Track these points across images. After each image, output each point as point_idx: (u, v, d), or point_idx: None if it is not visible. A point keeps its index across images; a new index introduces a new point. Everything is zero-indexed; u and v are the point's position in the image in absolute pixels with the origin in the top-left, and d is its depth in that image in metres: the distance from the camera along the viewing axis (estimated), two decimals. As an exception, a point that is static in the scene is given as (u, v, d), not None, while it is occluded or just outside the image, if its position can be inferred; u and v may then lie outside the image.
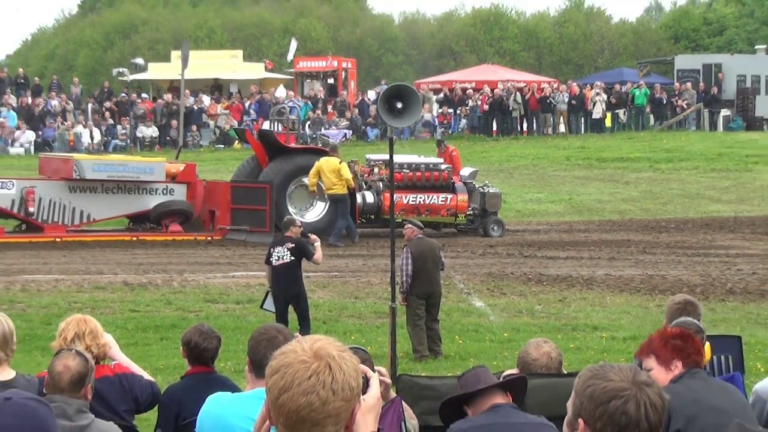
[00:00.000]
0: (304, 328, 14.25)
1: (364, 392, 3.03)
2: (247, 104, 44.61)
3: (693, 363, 5.66)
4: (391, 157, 12.96)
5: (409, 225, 14.60)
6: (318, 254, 14.50)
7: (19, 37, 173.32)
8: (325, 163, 23.94)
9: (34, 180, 25.01)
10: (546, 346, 6.42)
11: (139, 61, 46.64)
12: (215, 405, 5.01)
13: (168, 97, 44.41)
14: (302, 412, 2.88)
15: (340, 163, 24.02)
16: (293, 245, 14.31)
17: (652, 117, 46.24)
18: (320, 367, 2.90)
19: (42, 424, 3.13)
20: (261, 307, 14.81)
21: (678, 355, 5.64)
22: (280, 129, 26.90)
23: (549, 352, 6.34)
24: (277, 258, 14.27)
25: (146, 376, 6.99)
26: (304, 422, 2.90)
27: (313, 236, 14.84)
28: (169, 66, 46.73)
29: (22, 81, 46.12)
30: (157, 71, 49.71)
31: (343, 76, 49.45)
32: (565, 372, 6.41)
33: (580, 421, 3.18)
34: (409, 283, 13.93)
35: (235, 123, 41.86)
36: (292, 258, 14.24)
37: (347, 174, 23.82)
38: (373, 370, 3.42)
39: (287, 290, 14.29)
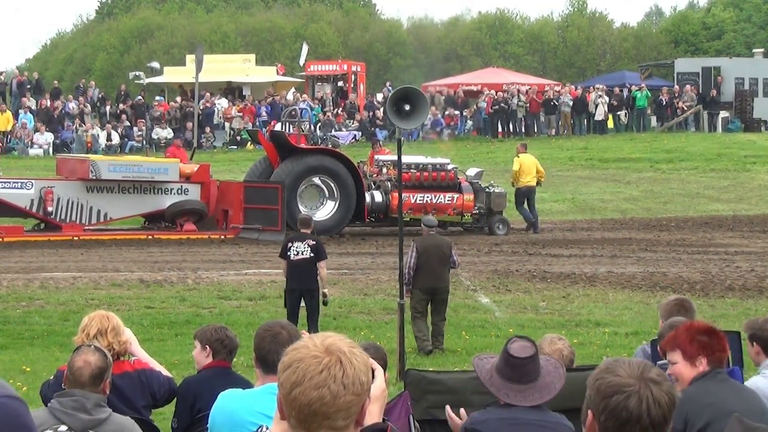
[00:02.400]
0: (312, 322, 14.26)
1: None
2: (259, 106, 44.80)
3: (717, 360, 5.55)
4: (399, 157, 13.32)
5: (423, 225, 14.89)
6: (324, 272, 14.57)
7: (38, 41, 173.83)
8: (526, 158, 26.64)
9: (52, 180, 25.06)
10: (560, 343, 6.48)
11: (155, 64, 47.19)
12: (227, 400, 5.03)
13: (180, 99, 44.39)
14: (314, 406, 2.94)
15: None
16: (314, 242, 14.34)
17: (653, 119, 46.16)
18: (331, 362, 2.94)
19: (17, 420, 3.03)
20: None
21: (704, 352, 5.53)
22: (291, 130, 27.00)
23: (561, 349, 6.40)
24: (296, 252, 14.23)
25: (164, 371, 7.00)
26: (316, 416, 2.95)
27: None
28: (184, 69, 46.35)
29: (34, 84, 45.83)
30: (172, 75, 49.57)
31: (353, 79, 49.47)
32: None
33: (589, 412, 3.23)
34: (410, 276, 13.94)
35: (250, 125, 42.09)
36: (312, 254, 14.24)
37: (541, 169, 26.90)
38: (384, 366, 3.60)
39: (303, 284, 14.26)
